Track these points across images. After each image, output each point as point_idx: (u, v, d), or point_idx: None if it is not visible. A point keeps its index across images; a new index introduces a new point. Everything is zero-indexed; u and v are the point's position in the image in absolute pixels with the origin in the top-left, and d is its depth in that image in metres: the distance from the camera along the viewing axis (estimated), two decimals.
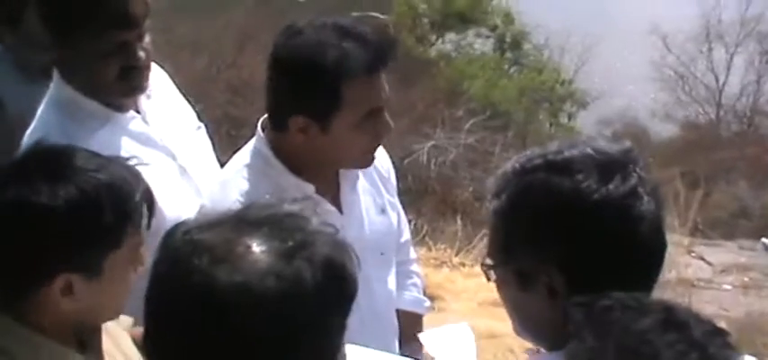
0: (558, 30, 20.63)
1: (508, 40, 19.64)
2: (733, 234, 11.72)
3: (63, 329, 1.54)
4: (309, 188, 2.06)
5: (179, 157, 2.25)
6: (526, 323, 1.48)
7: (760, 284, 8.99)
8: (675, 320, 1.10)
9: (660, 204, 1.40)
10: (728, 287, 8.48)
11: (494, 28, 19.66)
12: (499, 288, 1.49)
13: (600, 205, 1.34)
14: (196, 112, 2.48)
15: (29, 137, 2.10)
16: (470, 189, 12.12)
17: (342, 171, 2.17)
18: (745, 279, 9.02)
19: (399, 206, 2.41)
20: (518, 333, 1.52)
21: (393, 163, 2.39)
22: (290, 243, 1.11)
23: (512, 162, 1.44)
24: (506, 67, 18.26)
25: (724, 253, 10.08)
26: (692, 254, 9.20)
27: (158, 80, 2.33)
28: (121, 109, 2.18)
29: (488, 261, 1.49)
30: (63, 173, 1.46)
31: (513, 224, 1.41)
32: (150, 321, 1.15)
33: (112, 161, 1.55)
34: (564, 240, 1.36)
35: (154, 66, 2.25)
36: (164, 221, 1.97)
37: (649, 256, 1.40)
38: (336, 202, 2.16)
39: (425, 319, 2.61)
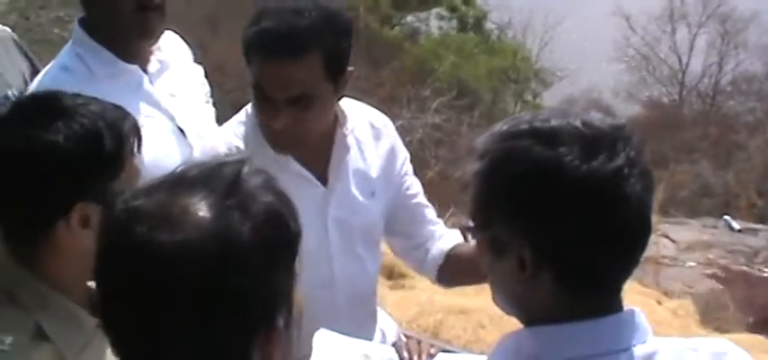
0: (521, 8, 20.69)
1: (470, 20, 19.64)
2: (696, 212, 11.88)
3: (76, 283, 1.56)
4: (285, 158, 2.11)
5: (178, 119, 2.36)
6: (499, 291, 1.43)
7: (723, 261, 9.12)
8: None
9: (648, 187, 1.32)
10: (693, 264, 8.61)
11: (453, 9, 19.64)
12: (477, 252, 1.44)
13: (580, 182, 1.26)
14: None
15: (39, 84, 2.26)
16: (437, 168, 12.16)
17: (336, 145, 2.17)
18: (709, 256, 9.16)
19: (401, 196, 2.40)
20: (495, 301, 1.47)
21: None
22: (226, 198, 1.11)
23: (500, 125, 1.38)
24: (472, 47, 18.24)
25: (687, 231, 10.23)
26: (658, 232, 9.32)
27: (176, 49, 2.48)
28: (131, 61, 2.32)
29: (469, 223, 1.43)
30: (58, 112, 1.55)
31: (491, 189, 1.35)
32: (102, 297, 1.14)
33: (95, 99, 1.63)
34: (538, 214, 1.29)
35: (175, 37, 2.46)
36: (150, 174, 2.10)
37: (630, 241, 1.32)
38: (323, 174, 2.19)
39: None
